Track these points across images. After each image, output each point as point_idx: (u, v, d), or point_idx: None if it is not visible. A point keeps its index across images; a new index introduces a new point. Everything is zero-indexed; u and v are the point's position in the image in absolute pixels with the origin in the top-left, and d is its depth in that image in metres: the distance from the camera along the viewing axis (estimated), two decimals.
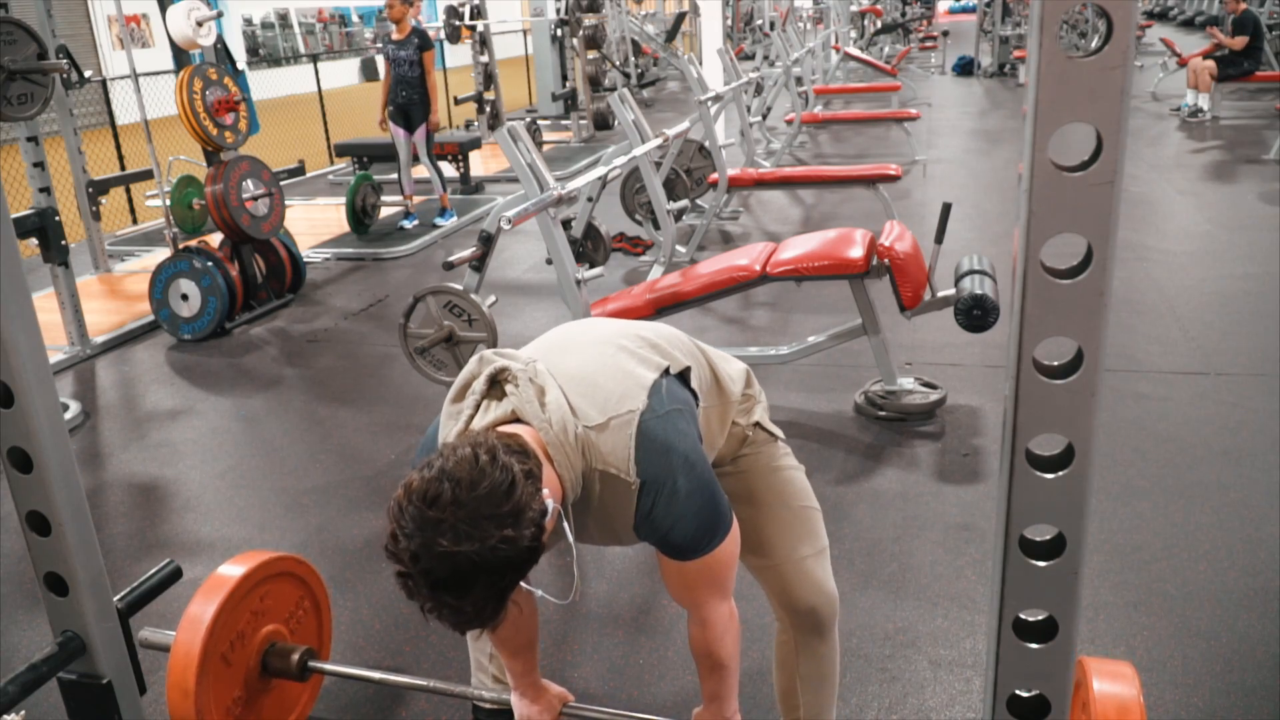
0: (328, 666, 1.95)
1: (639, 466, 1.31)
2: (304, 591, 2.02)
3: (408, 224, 6.82)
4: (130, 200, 7.44)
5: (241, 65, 7.58)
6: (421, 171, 7.10)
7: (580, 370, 1.37)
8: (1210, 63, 9.60)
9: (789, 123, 9.19)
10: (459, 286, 3.30)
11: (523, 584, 1.29)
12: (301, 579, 2.00)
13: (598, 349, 1.43)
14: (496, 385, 1.34)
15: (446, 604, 1.16)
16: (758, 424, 1.64)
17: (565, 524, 1.25)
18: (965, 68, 15.07)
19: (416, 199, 7.49)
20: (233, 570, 1.82)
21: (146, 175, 5.73)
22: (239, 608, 1.81)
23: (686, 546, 1.37)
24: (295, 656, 1.87)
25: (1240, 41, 9.43)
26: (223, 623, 1.76)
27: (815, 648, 1.69)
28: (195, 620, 1.74)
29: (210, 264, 4.59)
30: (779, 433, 1.68)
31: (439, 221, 6.84)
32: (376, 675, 1.96)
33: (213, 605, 1.74)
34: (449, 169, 7.95)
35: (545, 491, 1.18)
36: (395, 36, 6.52)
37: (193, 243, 4.97)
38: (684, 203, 5.99)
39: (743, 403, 1.62)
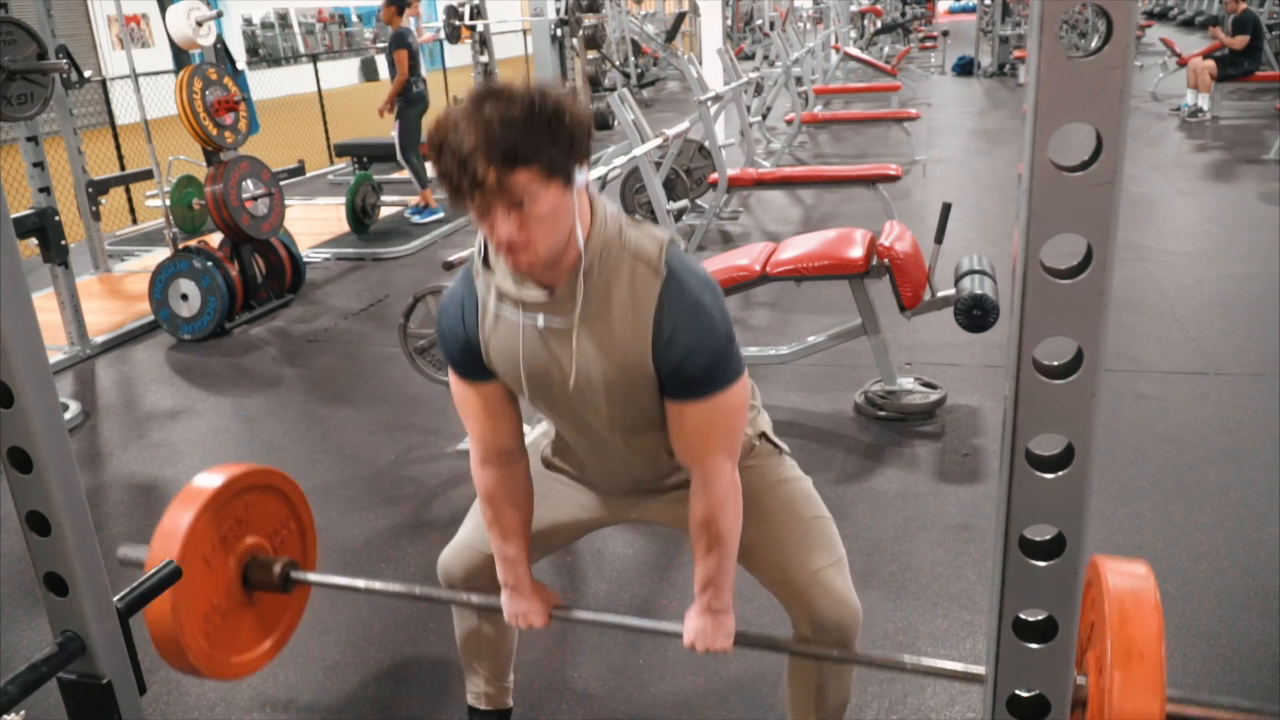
0: (312, 576, 1.88)
1: (667, 264, 1.34)
2: (287, 508, 1.94)
3: (409, 215, 6.97)
4: (130, 200, 7.44)
5: (241, 65, 7.58)
6: (427, 169, 7.15)
7: None
8: (1210, 63, 9.60)
9: (789, 123, 9.19)
10: None
11: (522, 314, 1.37)
12: (285, 494, 1.92)
13: None
14: None
15: (486, 114, 1.18)
16: (763, 434, 1.63)
17: (582, 247, 1.31)
18: (965, 68, 15.07)
19: (414, 199, 7.50)
20: (210, 479, 1.75)
21: (146, 175, 5.73)
22: (219, 516, 1.74)
23: (701, 374, 1.35)
24: (277, 568, 1.80)
25: (1241, 41, 9.42)
26: (201, 528, 1.70)
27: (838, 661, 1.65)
28: (172, 528, 1.68)
29: (210, 264, 4.59)
30: (784, 445, 1.67)
31: (411, 216, 6.95)
32: (361, 583, 1.88)
33: (191, 511, 1.68)
34: None
35: (584, 205, 1.32)
36: None
37: (192, 243, 4.97)
38: (684, 203, 5.99)
39: (748, 412, 1.61)
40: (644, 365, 1.36)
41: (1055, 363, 0.98)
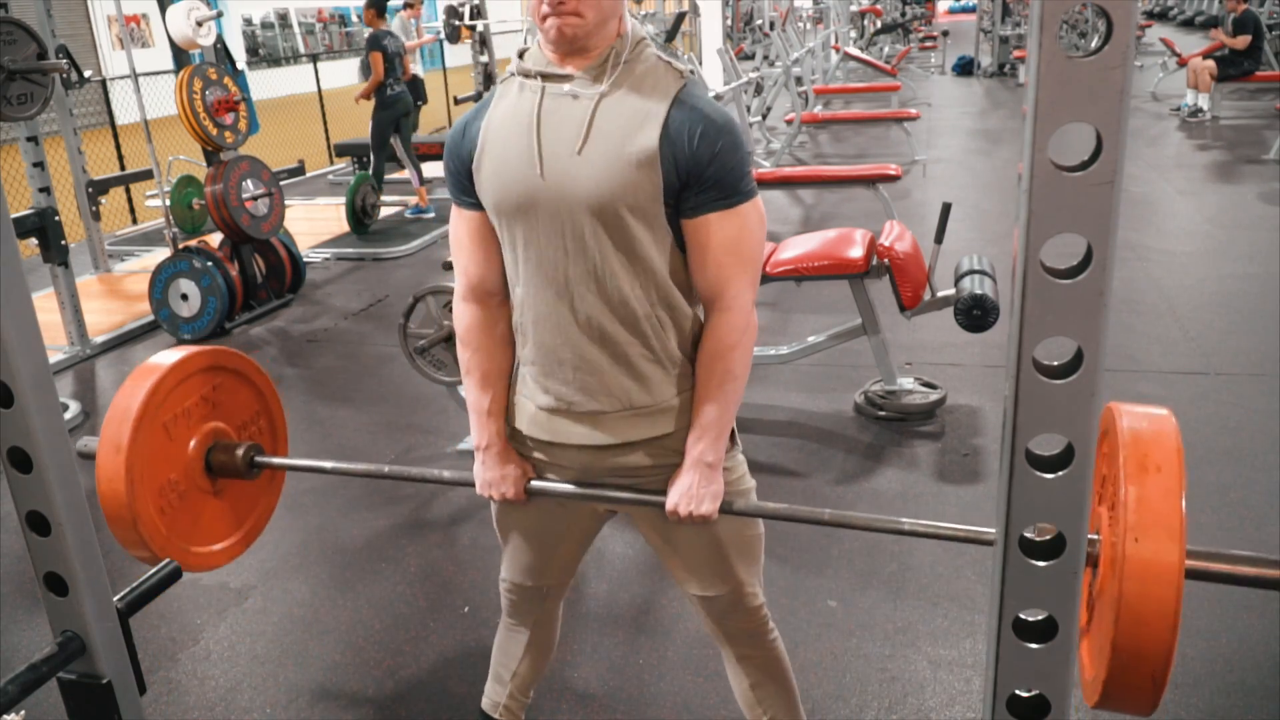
0: (276, 460, 1.81)
1: (688, 78, 1.37)
2: (258, 402, 1.89)
3: (408, 214, 7.12)
4: (130, 200, 7.44)
5: (241, 65, 7.59)
6: (427, 169, 7.21)
7: None
8: (1210, 63, 9.60)
9: (789, 122, 9.19)
10: None
11: (543, 84, 1.36)
12: (246, 377, 1.86)
13: None
14: None
15: None
16: None
17: (627, 29, 1.37)
18: (965, 68, 15.07)
19: (413, 199, 7.50)
20: (162, 359, 1.69)
21: (146, 175, 5.73)
22: (171, 398, 1.68)
23: (729, 177, 1.32)
24: (240, 452, 1.74)
25: (1243, 41, 9.42)
26: (151, 413, 1.64)
27: (752, 657, 1.64)
28: (122, 411, 1.63)
29: (210, 264, 4.59)
30: (737, 438, 1.55)
31: (409, 214, 7.14)
32: (329, 464, 1.82)
33: (140, 393, 1.63)
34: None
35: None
36: None
37: (192, 243, 4.97)
38: None
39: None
40: (654, 162, 1.30)
41: (1055, 363, 0.98)
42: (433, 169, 8.94)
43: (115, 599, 1.54)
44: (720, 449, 1.41)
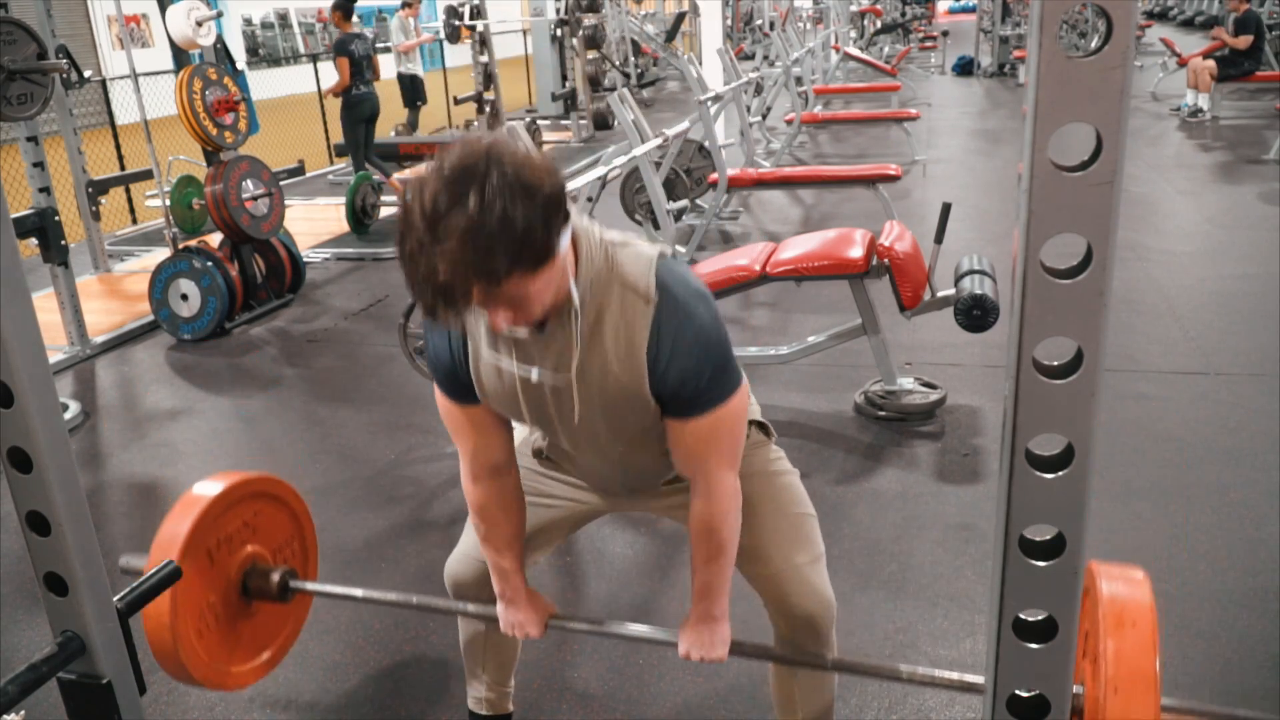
0: (309, 585, 1.87)
1: (658, 286, 1.31)
2: (293, 524, 1.94)
3: None
4: (130, 200, 7.44)
5: (241, 65, 7.60)
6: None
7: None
8: (1210, 63, 9.59)
9: (789, 123, 9.19)
10: None
11: (515, 364, 1.35)
12: (284, 502, 1.93)
13: None
14: None
15: (453, 224, 1.09)
16: (752, 421, 1.63)
17: (574, 289, 1.27)
18: (965, 68, 15.07)
19: None
20: (209, 487, 1.76)
21: (146, 175, 5.73)
22: (216, 525, 1.74)
23: (699, 394, 1.34)
24: (275, 576, 1.80)
25: (1245, 41, 9.41)
26: (198, 539, 1.70)
27: (812, 652, 1.66)
28: (170, 537, 1.68)
29: (210, 264, 4.59)
30: (772, 430, 1.68)
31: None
32: (360, 593, 1.88)
33: (188, 521, 1.68)
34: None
35: (569, 249, 1.24)
36: None
37: (192, 243, 4.96)
38: (684, 203, 5.99)
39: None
40: (641, 392, 1.35)
41: (1055, 363, 0.98)
42: None
43: (115, 599, 1.54)
44: (722, 604, 1.53)
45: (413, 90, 9.82)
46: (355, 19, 7.48)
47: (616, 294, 1.31)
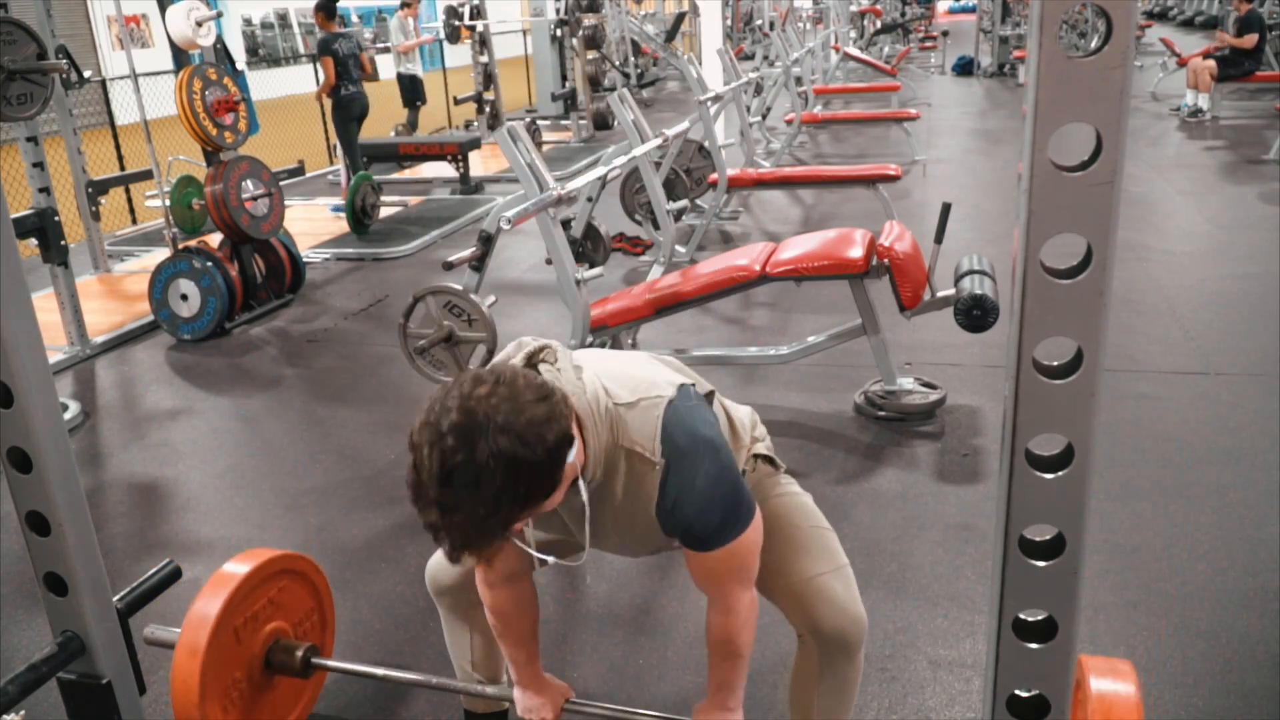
0: (331, 663, 1.95)
1: (664, 446, 1.34)
2: (309, 590, 2.02)
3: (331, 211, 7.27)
4: (130, 200, 7.44)
5: (241, 65, 7.61)
6: (427, 169, 7.23)
7: (615, 366, 1.44)
8: (1210, 63, 9.58)
9: (789, 123, 9.19)
10: (459, 286, 3.31)
11: (530, 548, 1.37)
12: (306, 577, 2.00)
13: (631, 357, 1.55)
14: (533, 364, 1.39)
15: (459, 500, 1.14)
16: (762, 456, 1.64)
17: (581, 483, 1.29)
18: (965, 68, 15.07)
19: (414, 199, 7.51)
20: (238, 567, 1.82)
21: (146, 175, 5.72)
22: (243, 604, 1.82)
23: (710, 535, 1.38)
24: (299, 653, 1.87)
25: (1250, 40, 9.38)
26: (227, 619, 1.77)
27: (841, 669, 1.61)
28: (201, 617, 1.74)
29: (210, 264, 4.59)
30: (781, 464, 1.68)
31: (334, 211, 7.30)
32: (380, 671, 1.97)
33: (218, 601, 1.75)
34: (449, 169, 8.01)
35: (576, 445, 1.25)
36: None
37: (192, 243, 4.97)
38: (684, 203, 5.99)
39: (751, 446, 1.64)
40: (655, 533, 1.43)
41: (1055, 363, 0.98)
42: (434, 169, 8.95)
43: (115, 599, 1.54)
44: (739, 697, 1.57)
45: (412, 90, 9.82)
46: (356, 19, 7.51)
47: (624, 460, 1.36)
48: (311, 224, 7.04)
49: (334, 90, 7.18)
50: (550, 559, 1.41)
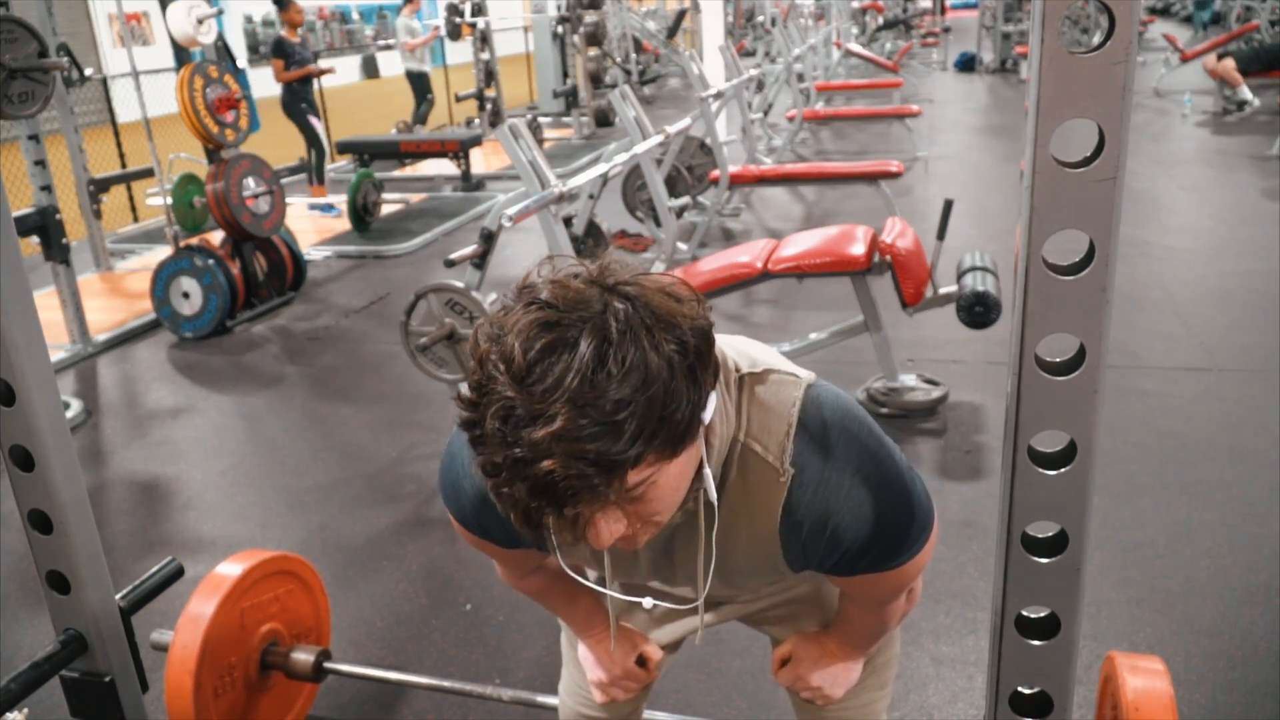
0: (342, 667, 1.95)
1: (796, 446, 0.93)
2: (303, 590, 2.02)
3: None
4: (131, 198, 7.44)
5: (242, 63, 7.63)
6: (428, 167, 7.23)
7: (733, 340, 1.03)
8: (1229, 60, 9.47)
9: (790, 119, 9.18)
10: (460, 284, 3.30)
11: (610, 578, 1.05)
12: (300, 577, 2.01)
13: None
14: None
15: (569, 368, 0.72)
16: None
17: (707, 469, 0.89)
18: (967, 64, 15.05)
19: (415, 197, 7.51)
20: (231, 568, 1.83)
21: (147, 173, 5.73)
22: (238, 605, 1.82)
23: (871, 561, 0.99)
24: (311, 657, 1.89)
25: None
26: (221, 620, 1.77)
27: None
28: (194, 618, 1.74)
29: (211, 262, 4.59)
30: None
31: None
32: (394, 675, 1.98)
33: (212, 603, 1.75)
34: (451, 166, 8.02)
35: (713, 401, 0.84)
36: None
37: (194, 241, 4.97)
38: (685, 200, 5.99)
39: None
40: (776, 563, 1.03)
41: (1057, 359, 0.97)
42: (436, 166, 8.95)
43: (117, 597, 1.54)
44: (866, 651, 1.26)
45: (420, 87, 9.84)
46: (356, 16, 7.58)
47: (740, 458, 0.95)
48: (313, 221, 7.05)
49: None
50: (651, 602, 1.04)
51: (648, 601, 1.02)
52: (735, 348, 0.99)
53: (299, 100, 7.47)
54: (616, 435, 0.72)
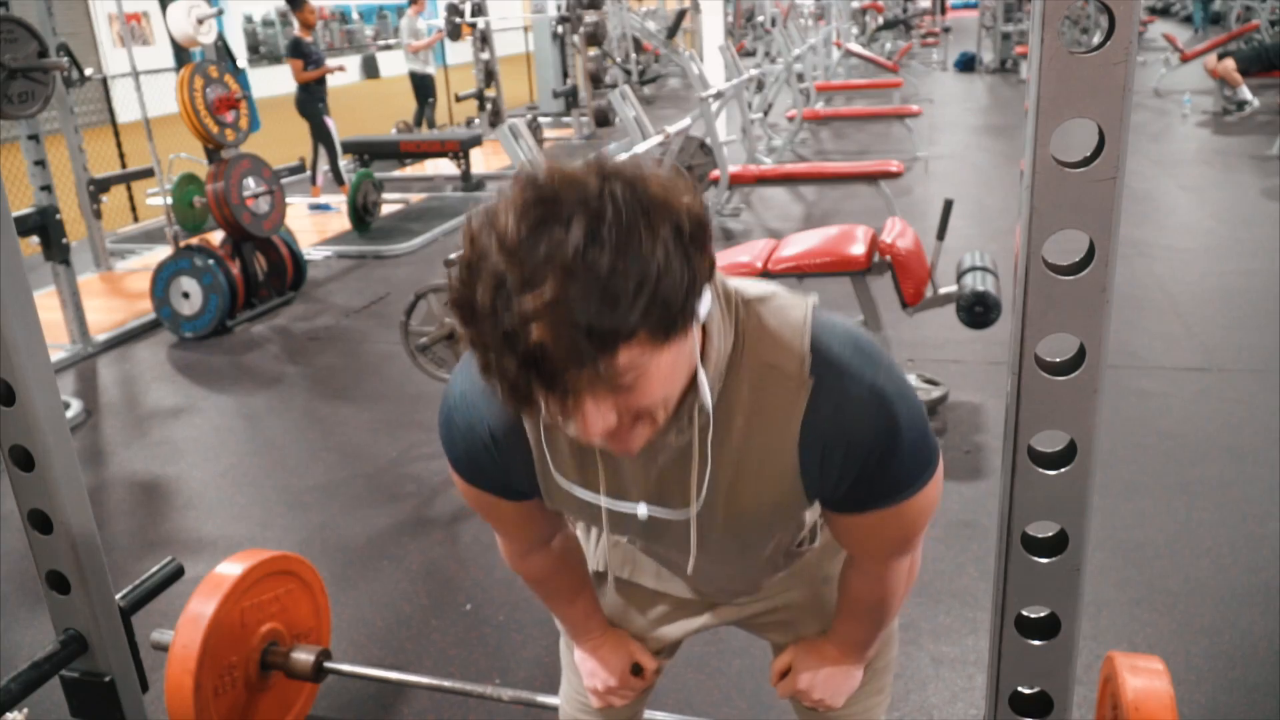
0: (343, 667, 1.95)
1: (813, 358, 0.92)
2: (303, 590, 2.02)
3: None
4: (131, 198, 7.44)
5: (242, 63, 7.64)
6: (428, 167, 7.23)
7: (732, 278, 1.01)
8: (1229, 60, 9.46)
9: (790, 119, 9.18)
10: None
11: (604, 498, 0.99)
12: (300, 577, 2.01)
13: None
14: None
15: (561, 242, 0.71)
16: None
17: (703, 375, 0.86)
18: (967, 64, 15.05)
19: (415, 197, 7.51)
20: (231, 568, 1.83)
21: (147, 173, 5.73)
22: (238, 605, 1.82)
23: (883, 490, 0.97)
24: (311, 657, 1.89)
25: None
26: (221, 620, 1.77)
27: None
28: (194, 618, 1.74)
29: (211, 262, 4.59)
30: None
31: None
32: (394, 675, 1.98)
33: (212, 603, 1.75)
34: (451, 166, 8.02)
35: (709, 300, 0.84)
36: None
37: (194, 241, 4.97)
38: None
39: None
40: (788, 503, 0.99)
41: (1057, 359, 0.97)
42: (436, 166, 8.95)
43: (117, 597, 1.54)
44: (865, 655, 1.23)
45: (424, 88, 9.85)
46: (356, 16, 7.58)
47: (747, 383, 0.92)
48: (313, 221, 7.05)
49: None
50: (646, 510, 0.99)
51: (642, 509, 0.98)
52: (734, 282, 0.98)
53: (316, 100, 7.42)
54: (609, 305, 0.71)
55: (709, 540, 1.02)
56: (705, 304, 0.81)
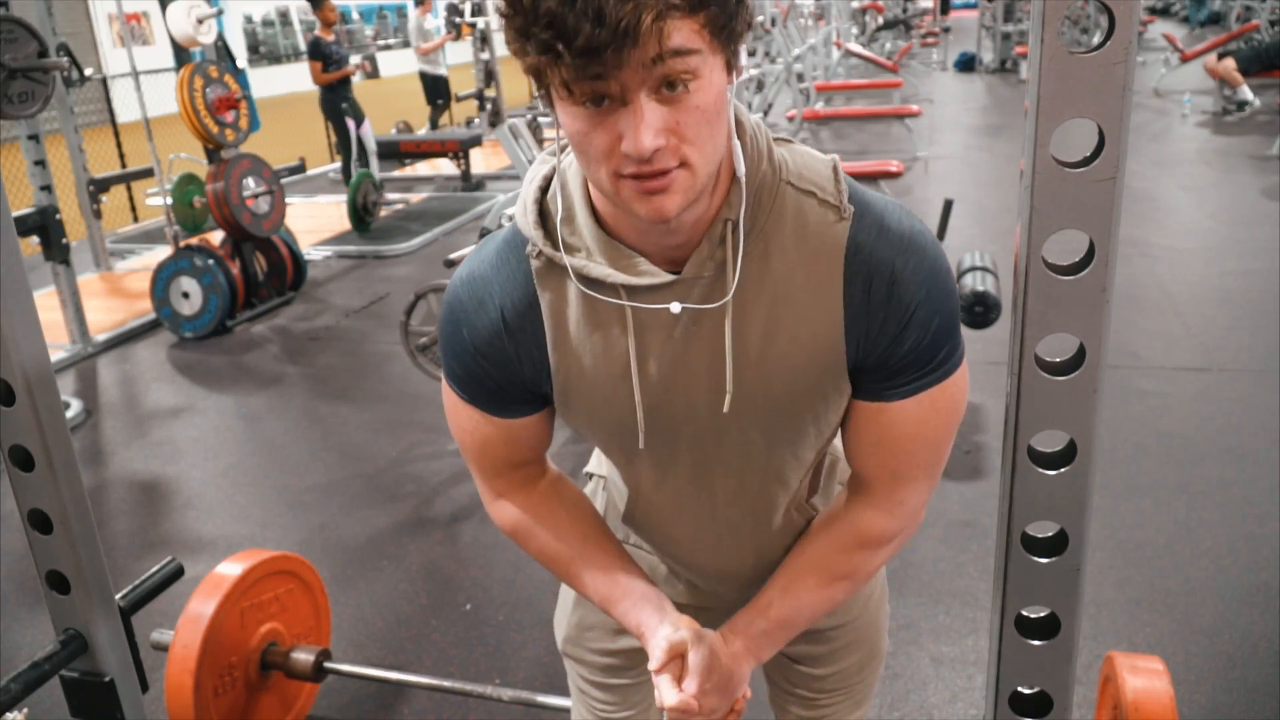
0: (343, 667, 1.96)
1: (851, 196, 0.87)
2: (303, 590, 2.02)
3: None
4: (131, 198, 7.44)
5: (242, 63, 7.64)
6: (428, 167, 7.21)
7: None
8: (1229, 60, 9.46)
9: (790, 119, 9.18)
10: None
11: (632, 336, 0.87)
12: (300, 577, 2.01)
13: None
14: None
15: None
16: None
17: (736, 142, 0.83)
18: (967, 64, 15.04)
19: (415, 197, 7.51)
20: (231, 568, 1.83)
21: (147, 173, 5.73)
22: (238, 605, 1.82)
23: (925, 352, 0.87)
24: (311, 657, 1.90)
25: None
26: (221, 620, 1.77)
27: None
28: (194, 618, 1.74)
29: (211, 262, 4.59)
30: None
31: None
32: (394, 675, 1.98)
33: (212, 603, 1.75)
34: (451, 166, 8.02)
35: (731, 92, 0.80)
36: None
37: (194, 241, 4.97)
38: None
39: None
40: (826, 357, 0.88)
41: (1057, 359, 0.97)
42: (436, 166, 8.95)
43: (117, 597, 1.54)
44: (774, 650, 1.03)
45: (436, 89, 9.87)
46: (356, 16, 7.56)
47: (791, 207, 0.86)
48: (313, 221, 7.05)
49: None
50: (679, 306, 0.86)
51: (675, 306, 0.85)
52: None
53: (339, 100, 7.39)
54: None
55: (743, 405, 0.89)
56: (743, 56, 0.77)
